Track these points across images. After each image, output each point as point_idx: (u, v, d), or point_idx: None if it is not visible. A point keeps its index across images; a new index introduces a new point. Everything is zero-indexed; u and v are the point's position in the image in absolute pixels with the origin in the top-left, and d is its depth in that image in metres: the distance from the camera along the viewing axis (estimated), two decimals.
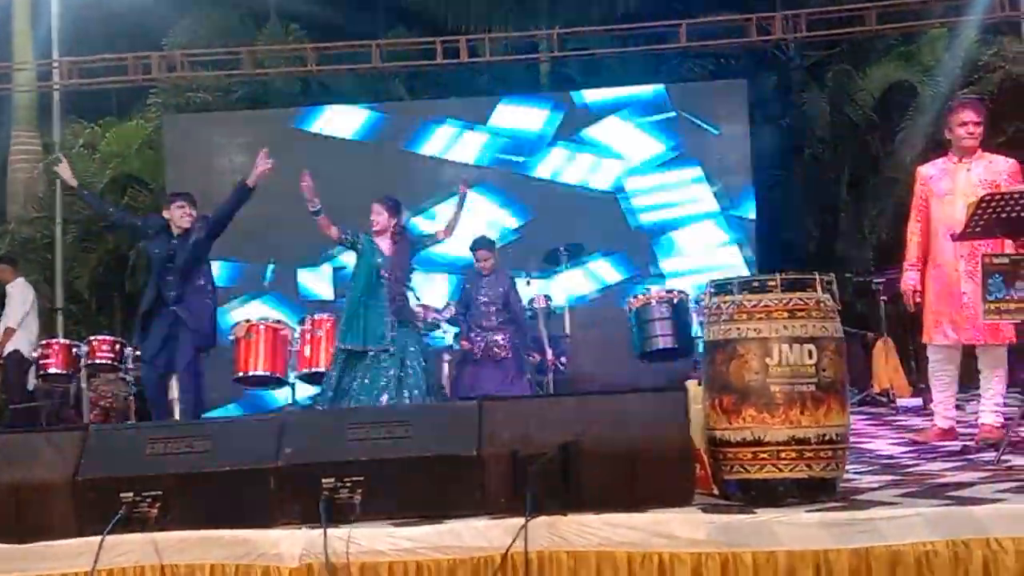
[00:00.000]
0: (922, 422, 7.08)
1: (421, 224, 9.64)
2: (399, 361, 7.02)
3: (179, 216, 7.36)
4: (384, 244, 7.20)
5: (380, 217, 7.20)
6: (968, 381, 6.38)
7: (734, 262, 11.15)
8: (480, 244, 8.51)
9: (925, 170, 6.03)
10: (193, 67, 12.15)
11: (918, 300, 5.94)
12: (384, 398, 6.88)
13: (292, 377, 8.73)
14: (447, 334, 9.20)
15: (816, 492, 4.01)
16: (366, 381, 6.98)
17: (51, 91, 13.32)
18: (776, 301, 4.06)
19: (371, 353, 7.03)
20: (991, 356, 5.74)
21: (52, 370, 9.22)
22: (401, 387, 6.96)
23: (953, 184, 5.82)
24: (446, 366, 9.12)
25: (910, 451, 5.81)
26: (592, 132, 11.79)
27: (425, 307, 8.64)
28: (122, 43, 12.06)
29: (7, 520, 4.11)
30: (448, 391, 8.62)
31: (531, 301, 8.91)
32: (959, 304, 5.66)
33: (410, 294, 7.42)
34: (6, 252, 12.90)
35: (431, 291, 10.06)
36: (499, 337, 8.30)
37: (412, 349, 7.13)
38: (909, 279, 5.98)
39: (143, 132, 13.49)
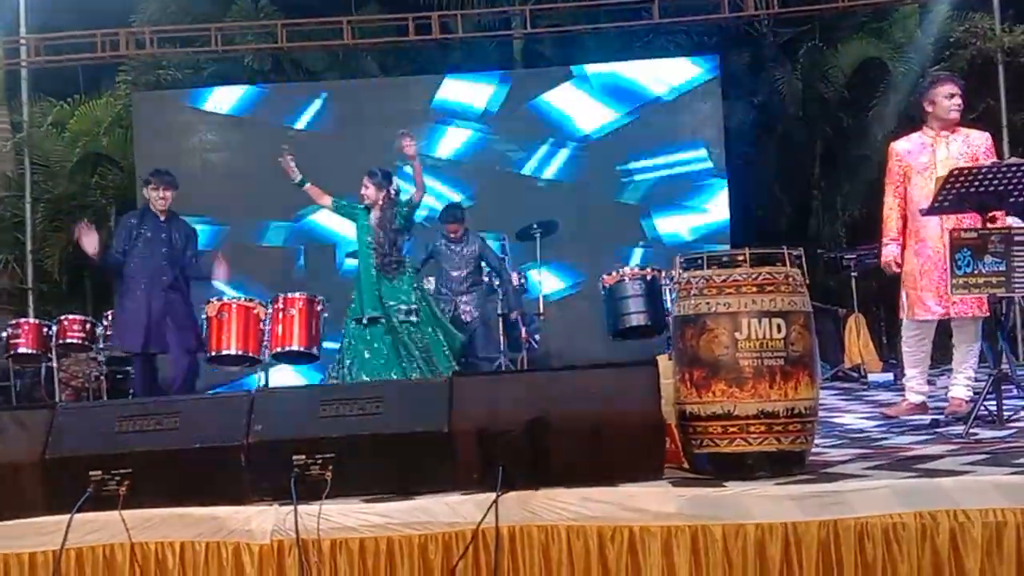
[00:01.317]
0: (893, 396, 7.13)
1: None
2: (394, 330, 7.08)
3: (155, 198, 7.35)
4: (374, 215, 7.26)
5: (368, 191, 7.25)
6: (937, 356, 6.43)
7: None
8: (450, 217, 8.50)
9: (900, 145, 6.04)
10: (162, 44, 12.05)
11: (898, 270, 5.96)
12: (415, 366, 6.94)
13: (266, 356, 8.67)
14: None
15: (785, 465, 4.03)
16: (397, 349, 7.01)
17: (19, 69, 13.15)
18: (745, 276, 4.07)
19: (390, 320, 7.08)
20: (966, 331, 5.78)
21: (22, 350, 9.14)
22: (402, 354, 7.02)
23: (933, 158, 5.84)
24: None
25: (880, 425, 5.86)
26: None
27: None
28: (91, 20, 11.90)
29: None
30: None
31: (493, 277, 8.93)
32: (946, 277, 5.66)
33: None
34: None
35: None
36: (465, 300, 8.37)
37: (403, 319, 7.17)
38: (889, 252, 6.01)
39: (112, 110, 13.33)
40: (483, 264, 8.64)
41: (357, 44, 12.21)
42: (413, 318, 7.10)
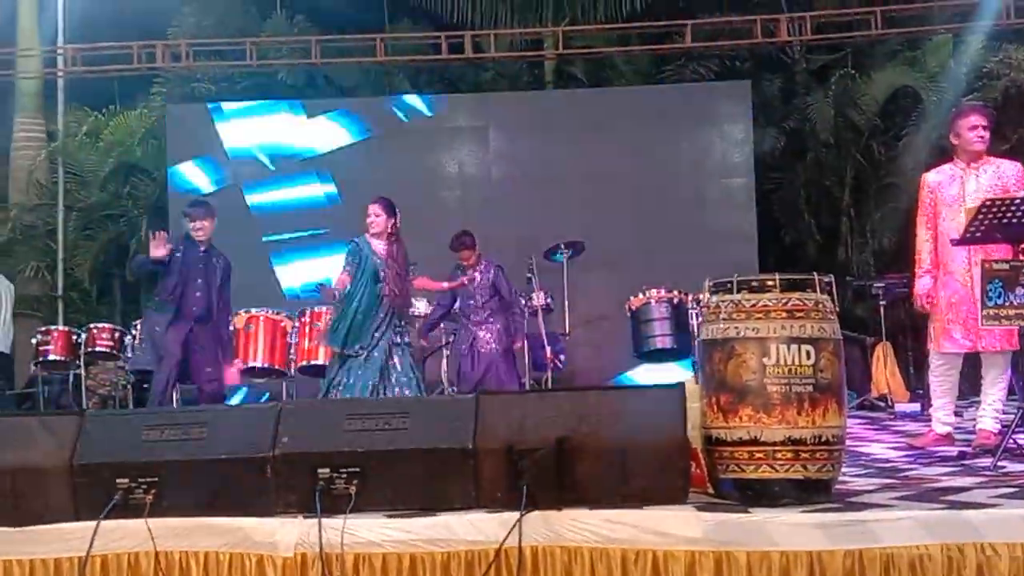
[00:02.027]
0: (920, 427, 7.08)
1: None
2: (384, 355, 6.95)
3: (193, 229, 7.31)
4: (379, 245, 7.09)
5: (379, 218, 7.09)
6: (966, 388, 6.39)
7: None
8: (460, 245, 8.43)
9: (931, 177, 6.02)
10: (198, 57, 12.13)
11: (929, 304, 5.93)
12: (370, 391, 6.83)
13: (292, 370, 8.73)
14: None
15: (811, 493, 4.01)
16: (359, 377, 6.90)
17: (55, 78, 13.30)
18: (775, 301, 4.06)
19: (363, 352, 6.95)
20: (995, 363, 5.74)
21: (51, 357, 9.22)
22: (387, 379, 6.90)
23: (962, 190, 5.81)
24: (445, 362, 9.14)
25: (907, 455, 5.82)
26: None
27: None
28: (128, 31, 12.03)
29: (3, 503, 4.12)
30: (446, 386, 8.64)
31: (530, 298, 8.89)
32: (975, 311, 5.63)
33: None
34: (8, 239, 12.95)
35: None
36: (483, 332, 8.31)
37: (398, 343, 7.05)
38: (923, 285, 5.97)
39: (147, 121, 13.48)
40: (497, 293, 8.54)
41: (390, 61, 12.27)
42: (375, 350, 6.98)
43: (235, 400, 9.10)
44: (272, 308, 8.89)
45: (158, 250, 7.12)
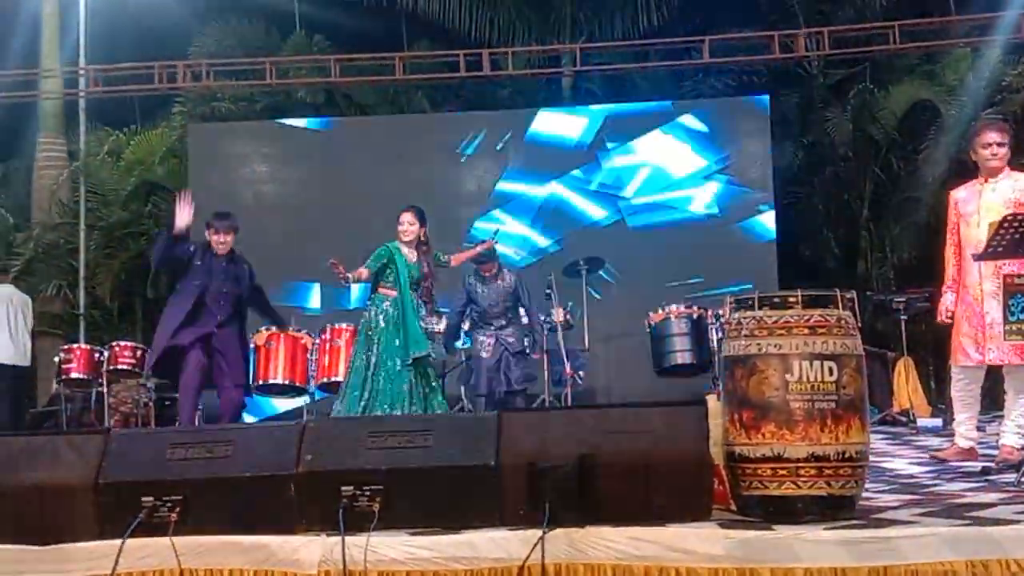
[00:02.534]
0: (942, 442, 7.04)
1: None
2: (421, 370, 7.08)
3: (215, 242, 7.27)
4: (411, 253, 7.22)
5: (413, 227, 7.22)
6: (989, 403, 6.36)
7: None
8: (483, 257, 8.49)
9: (957, 193, 6.09)
10: (218, 76, 12.23)
11: (949, 318, 5.96)
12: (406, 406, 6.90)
13: (312, 387, 8.75)
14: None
15: (835, 510, 3.99)
16: (390, 387, 6.97)
17: (77, 98, 13.42)
18: (797, 317, 4.06)
19: (401, 361, 7.04)
20: (1018, 378, 5.72)
21: (74, 375, 9.27)
22: (416, 395, 6.98)
23: (978, 204, 5.84)
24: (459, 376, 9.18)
25: (930, 471, 5.79)
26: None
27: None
28: (149, 51, 12.15)
29: (29, 521, 4.15)
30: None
31: (550, 314, 8.90)
32: (983, 324, 5.67)
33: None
34: (30, 257, 13.04)
35: None
36: (499, 333, 8.38)
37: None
38: (944, 301, 6.06)
39: (167, 140, 13.59)
40: (518, 301, 8.59)
41: (408, 79, 12.35)
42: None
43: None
44: (293, 325, 8.91)
45: (183, 214, 7.07)
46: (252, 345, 8.46)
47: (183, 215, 7.08)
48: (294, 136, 12.20)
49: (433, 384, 7.21)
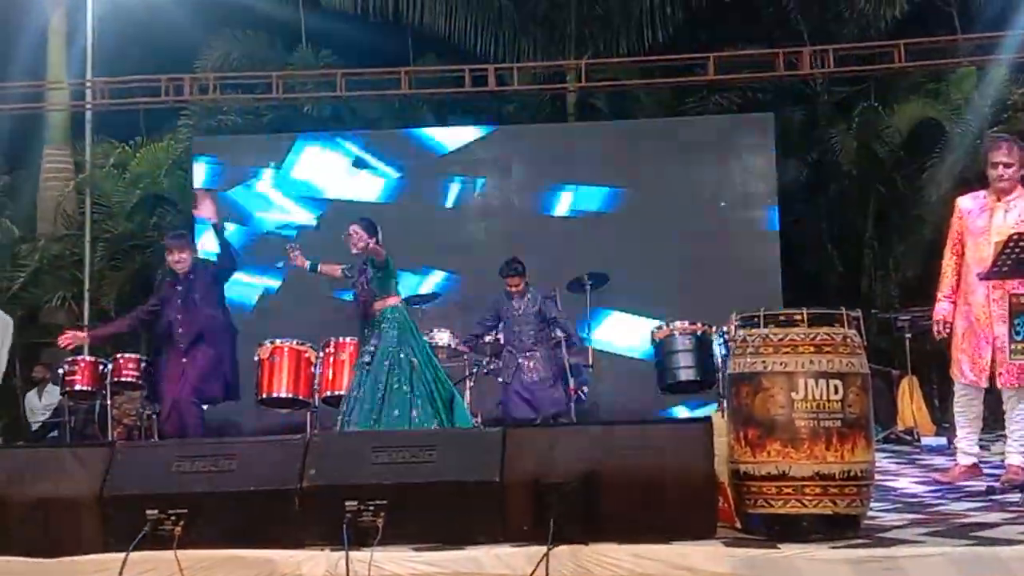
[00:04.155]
0: (946, 461, 7.03)
1: None
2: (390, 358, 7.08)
3: (171, 262, 7.53)
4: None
5: (356, 237, 7.22)
6: (993, 421, 6.34)
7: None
8: (510, 271, 8.48)
9: (963, 202, 5.92)
10: (224, 90, 12.28)
11: (946, 331, 5.88)
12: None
13: (316, 400, 8.72)
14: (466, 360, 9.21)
15: (840, 528, 3.99)
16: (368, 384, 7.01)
17: (84, 111, 13.46)
18: (802, 335, 4.06)
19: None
20: (1018, 397, 5.68)
21: (78, 387, 9.25)
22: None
23: (989, 224, 5.73)
24: (468, 393, 9.13)
25: (934, 490, 5.77)
26: None
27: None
28: (156, 64, 12.19)
29: (34, 534, 4.16)
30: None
31: (554, 331, 8.88)
32: (988, 346, 5.60)
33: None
34: (35, 268, 13.05)
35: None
36: (527, 361, 8.32)
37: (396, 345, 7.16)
38: (941, 310, 5.90)
39: (173, 153, 13.62)
40: (546, 320, 8.59)
41: (414, 94, 12.38)
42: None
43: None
44: (297, 339, 8.90)
45: (206, 209, 7.43)
46: (256, 358, 8.46)
47: (205, 210, 7.45)
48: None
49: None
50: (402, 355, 7.07)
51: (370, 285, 7.25)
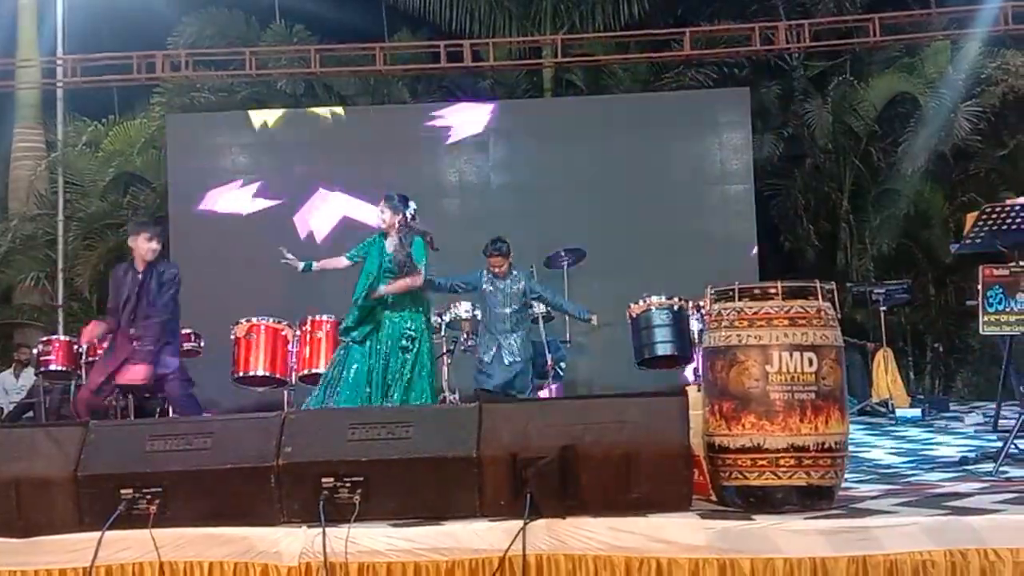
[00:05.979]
0: (921, 432, 7.09)
1: None
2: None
3: (145, 249, 6.62)
4: (390, 243, 7.07)
5: (384, 215, 7.07)
6: (968, 392, 6.39)
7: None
8: (493, 250, 8.41)
9: None
10: (197, 67, 12.16)
11: None
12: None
13: (293, 378, 8.70)
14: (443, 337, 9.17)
15: (814, 500, 4.02)
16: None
17: (55, 88, 13.32)
18: (777, 309, 4.07)
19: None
20: None
21: (53, 367, 9.21)
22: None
23: None
24: (445, 369, 9.12)
25: (909, 461, 5.82)
26: None
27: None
28: (128, 42, 12.06)
29: (7, 514, 4.11)
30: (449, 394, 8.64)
31: (531, 306, 8.86)
32: None
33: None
34: (7, 248, 12.95)
35: None
36: (510, 339, 8.28)
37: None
38: None
39: (146, 131, 13.52)
40: (531, 300, 8.53)
41: (389, 71, 12.31)
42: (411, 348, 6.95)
43: None
44: (273, 317, 8.86)
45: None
46: (232, 336, 8.43)
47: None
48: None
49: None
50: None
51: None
